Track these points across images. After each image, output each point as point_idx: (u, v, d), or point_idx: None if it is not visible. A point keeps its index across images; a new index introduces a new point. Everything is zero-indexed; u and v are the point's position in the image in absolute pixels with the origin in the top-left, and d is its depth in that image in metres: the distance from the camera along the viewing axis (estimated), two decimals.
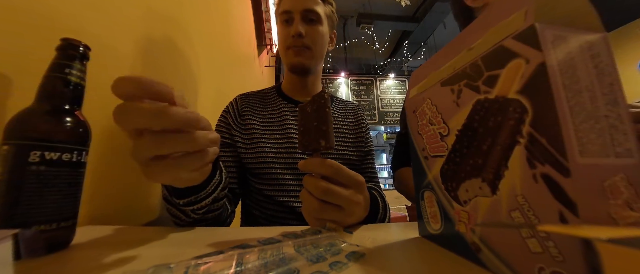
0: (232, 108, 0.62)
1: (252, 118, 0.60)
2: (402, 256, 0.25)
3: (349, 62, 5.11)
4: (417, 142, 0.29)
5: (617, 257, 0.11)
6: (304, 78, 0.64)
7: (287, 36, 0.60)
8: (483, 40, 0.20)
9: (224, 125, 0.60)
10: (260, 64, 2.58)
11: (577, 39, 0.16)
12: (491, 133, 0.19)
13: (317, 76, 0.67)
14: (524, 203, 0.16)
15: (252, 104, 0.63)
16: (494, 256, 0.19)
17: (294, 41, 0.59)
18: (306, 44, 0.59)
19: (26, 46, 0.34)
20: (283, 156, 0.57)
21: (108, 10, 0.47)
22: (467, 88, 0.21)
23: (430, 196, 0.27)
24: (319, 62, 0.64)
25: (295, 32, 0.58)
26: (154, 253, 0.26)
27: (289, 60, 0.62)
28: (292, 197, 0.55)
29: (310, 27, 0.60)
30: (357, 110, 0.71)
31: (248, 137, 0.58)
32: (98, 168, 0.43)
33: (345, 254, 0.23)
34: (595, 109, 0.15)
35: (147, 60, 0.58)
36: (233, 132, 0.59)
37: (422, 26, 4.32)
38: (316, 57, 0.62)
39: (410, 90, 0.31)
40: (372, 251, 0.25)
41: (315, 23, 0.60)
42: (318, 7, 0.60)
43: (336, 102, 0.71)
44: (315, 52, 0.61)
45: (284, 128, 0.60)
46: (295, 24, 0.58)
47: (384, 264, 0.22)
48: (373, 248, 0.26)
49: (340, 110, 0.69)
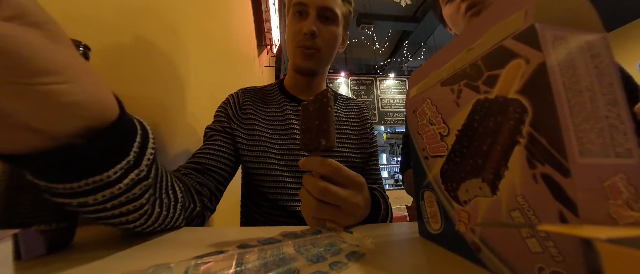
0: (233, 100, 0.59)
1: (254, 115, 0.58)
2: (402, 256, 0.25)
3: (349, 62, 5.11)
4: (417, 142, 0.29)
5: (617, 257, 0.11)
6: (309, 79, 0.62)
7: (298, 32, 0.55)
8: (483, 40, 0.20)
9: (223, 114, 0.57)
10: (260, 64, 2.57)
11: (577, 39, 0.16)
12: (491, 133, 0.19)
13: (323, 76, 0.64)
14: (524, 203, 0.16)
15: (254, 100, 0.61)
16: (494, 256, 0.19)
17: (305, 39, 0.55)
18: (317, 45, 0.55)
19: None
20: (286, 157, 0.55)
21: (104, 6, 0.47)
22: (467, 88, 0.21)
23: (430, 196, 0.27)
24: (327, 64, 0.61)
25: (308, 30, 0.53)
26: (154, 252, 0.26)
27: (296, 61, 0.58)
28: (295, 201, 0.53)
29: (324, 27, 0.55)
30: (362, 108, 0.68)
31: (249, 133, 0.56)
32: None
33: (345, 254, 0.23)
34: (595, 109, 0.15)
35: (147, 59, 0.58)
36: (232, 125, 0.56)
37: (422, 26, 4.32)
38: (325, 60, 0.58)
39: (410, 90, 0.31)
40: (372, 251, 0.25)
41: (330, 22, 0.56)
42: (336, 6, 0.56)
43: (340, 100, 0.68)
44: (324, 55, 0.57)
45: (286, 128, 0.58)
46: (309, 21, 0.54)
47: (384, 264, 0.22)
48: (373, 248, 0.26)
49: (344, 108, 0.67)
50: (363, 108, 0.69)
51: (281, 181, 0.53)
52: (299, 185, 0.54)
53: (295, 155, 0.56)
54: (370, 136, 0.65)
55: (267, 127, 0.58)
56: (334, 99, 0.66)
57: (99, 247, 0.28)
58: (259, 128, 0.57)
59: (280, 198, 0.53)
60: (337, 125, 0.61)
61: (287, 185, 0.53)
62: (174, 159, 0.68)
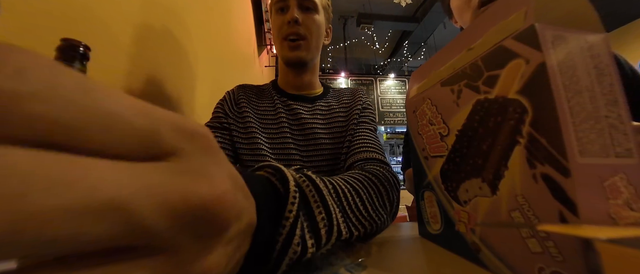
0: (229, 96, 0.62)
1: (247, 109, 0.59)
2: (402, 256, 0.25)
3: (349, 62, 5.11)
4: (417, 142, 0.29)
5: (617, 257, 0.11)
6: (299, 72, 0.63)
7: (282, 24, 0.58)
8: (483, 40, 0.20)
9: (221, 110, 0.60)
10: (260, 64, 2.57)
11: (577, 39, 0.16)
12: (491, 133, 0.19)
13: (314, 71, 0.65)
14: (524, 203, 0.16)
15: (248, 95, 0.63)
16: (494, 256, 0.19)
17: (289, 28, 0.57)
18: (302, 33, 0.58)
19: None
20: (277, 151, 0.57)
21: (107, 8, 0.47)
22: (467, 88, 0.21)
23: (430, 196, 0.27)
24: (316, 54, 0.63)
25: (291, 18, 0.56)
26: None
27: (284, 53, 0.60)
28: None
29: (306, 15, 0.58)
30: (355, 92, 0.66)
31: (243, 126, 0.58)
32: None
33: (345, 264, 0.22)
34: (595, 109, 0.15)
35: (146, 57, 0.58)
36: (229, 120, 0.58)
37: (422, 26, 4.32)
38: (312, 48, 0.60)
39: (410, 90, 0.31)
40: (372, 252, 0.25)
41: (311, 11, 0.59)
42: None
43: (331, 94, 0.67)
44: (311, 43, 0.59)
45: (277, 123, 0.59)
46: (291, 10, 0.57)
47: (384, 264, 0.22)
48: (372, 249, 0.26)
49: (335, 99, 0.65)
50: (356, 92, 0.67)
51: None
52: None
53: (286, 148, 0.56)
54: (358, 111, 0.62)
55: (258, 121, 0.59)
56: (326, 93, 0.67)
57: None
58: (251, 122, 0.58)
59: None
60: (329, 117, 0.61)
61: None
62: None
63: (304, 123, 0.59)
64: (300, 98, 0.63)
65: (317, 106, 0.63)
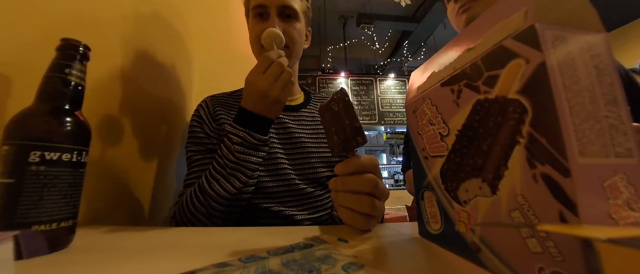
0: (205, 112, 0.58)
1: (227, 121, 0.56)
2: (402, 256, 0.25)
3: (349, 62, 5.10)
4: (417, 142, 0.29)
5: (617, 257, 0.11)
6: None
7: (261, 32, 0.54)
8: (483, 40, 0.20)
9: (200, 131, 0.55)
10: None
11: (577, 39, 0.16)
12: (491, 133, 0.19)
13: (295, 77, 0.65)
14: (524, 203, 0.16)
15: (225, 107, 0.59)
16: (494, 256, 0.19)
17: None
18: (284, 44, 0.55)
19: (23, 38, 0.34)
20: (267, 162, 0.53)
21: (109, 10, 0.47)
22: (467, 89, 0.21)
23: (430, 196, 0.27)
24: (296, 61, 0.62)
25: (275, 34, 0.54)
26: (153, 254, 0.26)
27: None
28: (276, 201, 0.52)
29: (287, 24, 0.56)
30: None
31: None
32: (98, 168, 0.43)
33: (342, 265, 0.22)
34: (595, 109, 0.15)
35: (150, 60, 0.58)
36: (213, 141, 0.54)
37: (422, 26, 4.31)
38: (294, 56, 0.59)
39: (410, 90, 0.31)
40: (372, 252, 0.25)
41: (292, 19, 0.57)
42: (295, 3, 0.57)
43: (313, 100, 0.67)
44: (293, 52, 0.58)
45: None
46: (271, 20, 0.54)
47: (384, 264, 0.22)
48: (372, 249, 0.26)
49: (317, 107, 0.64)
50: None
51: (261, 184, 0.52)
52: (278, 185, 0.53)
53: (275, 158, 0.54)
54: None
55: None
56: (308, 100, 0.66)
57: (98, 247, 0.28)
58: None
59: (262, 200, 0.52)
60: (313, 125, 0.61)
61: (268, 185, 0.52)
62: (176, 159, 0.68)
63: (291, 133, 0.57)
64: (284, 108, 0.60)
65: (302, 115, 0.62)
